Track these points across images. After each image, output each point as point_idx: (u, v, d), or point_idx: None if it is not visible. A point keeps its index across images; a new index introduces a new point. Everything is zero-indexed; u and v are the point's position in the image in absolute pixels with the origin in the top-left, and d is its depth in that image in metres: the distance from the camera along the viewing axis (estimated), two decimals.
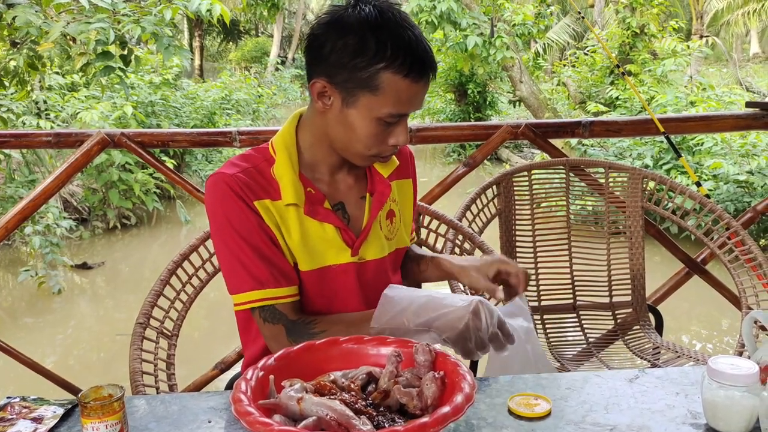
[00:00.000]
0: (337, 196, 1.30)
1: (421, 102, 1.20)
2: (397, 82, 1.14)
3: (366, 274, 1.32)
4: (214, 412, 1.05)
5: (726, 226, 2.07)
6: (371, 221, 1.31)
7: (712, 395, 0.98)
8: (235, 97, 11.63)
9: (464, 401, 0.86)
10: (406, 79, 1.14)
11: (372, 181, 1.33)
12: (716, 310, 4.90)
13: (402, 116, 1.20)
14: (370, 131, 1.19)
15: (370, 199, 1.31)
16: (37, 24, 4.14)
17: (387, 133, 1.20)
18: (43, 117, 7.87)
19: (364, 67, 1.14)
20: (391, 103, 1.16)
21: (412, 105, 1.19)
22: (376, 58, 1.13)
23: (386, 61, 1.13)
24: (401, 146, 1.24)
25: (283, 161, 1.26)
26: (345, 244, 1.28)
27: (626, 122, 2.58)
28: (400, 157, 1.39)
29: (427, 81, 1.18)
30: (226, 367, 2.28)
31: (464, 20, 10.31)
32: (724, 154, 6.56)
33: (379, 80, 1.14)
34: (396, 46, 1.13)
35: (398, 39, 1.14)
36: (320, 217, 1.26)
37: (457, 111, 13.17)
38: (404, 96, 1.16)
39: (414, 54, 1.14)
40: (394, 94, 1.15)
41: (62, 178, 2.40)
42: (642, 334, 2.16)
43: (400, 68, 1.13)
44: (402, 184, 1.41)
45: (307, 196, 1.25)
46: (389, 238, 1.36)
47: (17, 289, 6.12)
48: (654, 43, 10.89)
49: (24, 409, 1.05)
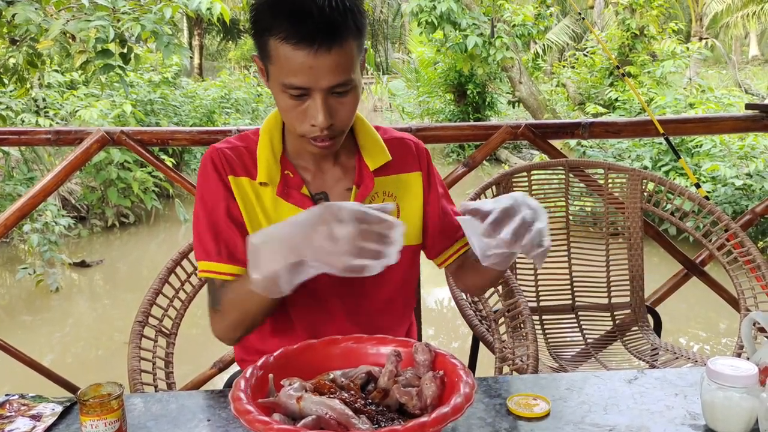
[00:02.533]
0: (321, 186, 1.29)
1: (321, 75, 1.10)
2: (281, 48, 1.09)
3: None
4: (212, 410, 1.05)
5: (725, 227, 2.07)
6: None
7: (711, 396, 0.98)
8: (235, 96, 11.64)
9: (464, 401, 0.86)
10: (287, 44, 1.08)
11: (359, 174, 1.30)
12: (714, 312, 4.90)
13: (304, 90, 1.12)
14: (284, 104, 1.15)
15: (356, 192, 1.29)
16: (36, 21, 4.14)
17: (303, 111, 1.14)
18: (42, 115, 7.87)
19: (259, 37, 1.13)
20: (283, 72, 1.11)
21: (306, 76, 1.09)
22: (261, 24, 1.11)
23: (271, 28, 1.09)
24: (321, 126, 1.14)
25: (263, 142, 1.27)
26: None
27: (626, 123, 2.58)
28: (398, 150, 1.35)
29: (321, 50, 1.07)
30: (225, 365, 2.28)
31: (464, 20, 10.31)
32: (722, 156, 6.57)
33: (269, 48, 1.11)
34: (279, 11, 1.09)
35: (283, 3, 1.09)
36: (293, 201, 1.25)
37: (457, 111, 13.17)
38: (293, 65, 1.09)
39: (298, 18, 1.07)
40: (282, 61, 1.10)
41: (61, 176, 2.40)
42: (640, 335, 2.16)
43: (279, 33, 1.08)
44: (403, 178, 1.35)
45: (284, 178, 1.25)
46: None
47: (15, 287, 6.11)
48: (653, 44, 10.91)
49: (22, 406, 1.05)
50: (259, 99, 12.79)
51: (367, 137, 1.32)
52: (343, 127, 1.20)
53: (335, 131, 1.18)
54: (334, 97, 1.14)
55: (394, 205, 0.98)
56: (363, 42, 1.17)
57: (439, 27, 10.42)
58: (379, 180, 1.31)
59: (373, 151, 1.31)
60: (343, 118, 1.18)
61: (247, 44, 24.96)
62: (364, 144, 1.32)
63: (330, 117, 1.15)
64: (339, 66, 1.10)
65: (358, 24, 1.12)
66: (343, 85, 1.13)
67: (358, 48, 1.14)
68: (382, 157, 1.32)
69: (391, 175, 1.33)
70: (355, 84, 1.15)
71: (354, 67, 1.14)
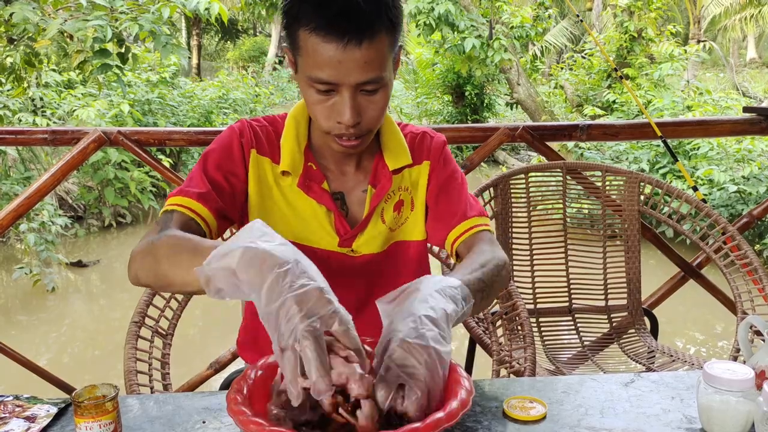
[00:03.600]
0: (340, 186, 1.26)
1: (350, 71, 1.05)
2: (309, 40, 1.05)
3: (354, 267, 1.27)
4: (208, 412, 1.05)
5: (722, 230, 2.07)
6: (370, 214, 1.26)
7: (707, 400, 0.98)
8: (232, 96, 11.63)
9: (459, 407, 0.84)
10: (315, 36, 1.04)
11: (375, 174, 1.27)
12: (710, 314, 4.91)
13: (331, 85, 1.08)
14: (311, 99, 1.12)
15: (372, 192, 1.26)
16: (34, 21, 4.14)
17: (330, 106, 1.11)
18: (40, 114, 7.86)
19: (289, 26, 1.09)
20: (311, 65, 1.07)
21: (335, 70, 1.05)
22: (291, 13, 1.08)
23: (300, 18, 1.06)
24: (348, 124, 1.10)
25: (289, 130, 1.24)
26: (335, 231, 1.25)
27: (623, 126, 2.58)
28: (416, 144, 1.31)
29: (351, 44, 1.03)
30: (221, 367, 2.27)
31: (462, 22, 10.32)
32: (720, 159, 6.58)
33: (298, 39, 1.07)
34: (308, 2, 1.05)
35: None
36: (313, 195, 1.23)
37: (455, 113, 13.18)
38: (321, 58, 1.05)
39: (329, 8, 1.03)
40: (311, 54, 1.06)
41: (58, 175, 2.39)
42: (637, 338, 2.16)
43: (309, 24, 1.04)
44: (415, 171, 1.31)
45: (306, 170, 1.23)
46: (393, 228, 1.29)
47: (11, 287, 6.10)
48: (651, 47, 10.93)
49: (17, 407, 1.05)
50: (257, 99, 12.79)
51: (391, 137, 1.28)
52: (371, 127, 1.15)
53: (362, 130, 1.14)
54: (363, 94, 1.10)
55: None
56: (397, 38, 1.11)
57: (437, 29, 10.42)
58: (396, 177, 1.28)
59: (396, 151, 1.28)
60: (372, 118, 1.13)
61: (245, 45, 24.98)
62: (387, 144, 1.27)
63: (357, 115, 1.10)
64: (369, 62, 1.06)
65: (393, 18, 1.07)
66: (373, 83, 1.08)
67: (391, 44, 1.09)
68: (404, 159, 1.28)
69: (407, 168, 1.30)
70: (385, 82, 1.10)
71: (386, 64, 1.09)
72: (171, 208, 1.14)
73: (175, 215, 1.13)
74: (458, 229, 1.28)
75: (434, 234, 1.32)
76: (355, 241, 1.26)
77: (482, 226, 1.28)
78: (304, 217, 1.24)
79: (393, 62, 1.13)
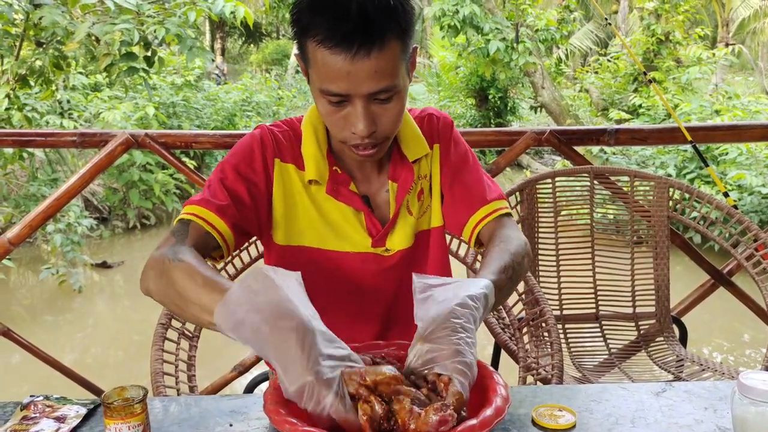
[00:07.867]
0: (364, 189, 1.25)
1: (360, 81, 1.03)
2: (318, 52, 1.03)
3: (388, 266, 1.26)
4: (235, 415, 1.04)
5: (754, 237, 2.03)
6: (398, 210, 1.25)
7: (742, 411, 0.96)
8: (256, 99, 11.68)
9: (494, 415, 0.83)
10: (323, 48, 1.02)
11: (394, 168, 1.25)
12: (738, 322, 4.83)
13: (343, 97, 1.06)
14: (324, 110, 1.10)
15: (395, 187, 1.25)
16: (63, 24, 4.19)
17: (343, 117, 1.09)
18: (66, 116, 7.96)
19: (298, 37, 1.08)
20: (321, 78, 1.05)
21: (345, 82, 1.03)
22: (300, 24, 1.06)
23: (309, 30, 1.04)
24: (362, 135, 1.08)
25: (308, 136, 1.22)
26: (367, 232, 1.24)
27: (652, 130, 2.55)
28: (425, 127, 1.29)
29: (359, 55, 1.01)
30: (245, 369, 2.28)
31: (487, 25, 10.29)
32: (749, 164, 6.48)
33: (308, 51, 1.06)
34: (317, 10, 1.03)
35: (321, 5, 1.03)
36: (343, 199, 1.22)
37: (478, 116, 13.13)
38: (330, 70, 1.03)
39: (336, 18, 1.00)
40: (320, 66, 1.04)
41: (86, 177, 2.42)
42: (665, 346, 2.13)
43: (316, 36, 1.02)
44: (429, 155, 1.29)
45: (332, 175, 1.21)
46: (418, 217, 1.28)
47: (38, 287, 6.18)
48: (679, 50, 10.80)
49: (47, 408, 1.05)
50: (279, 102, 12.83)
51: (406, 129, 1.26)
52: (387, 134, 1.13)
53: (378, 138, 1.12)
54: (376, 103, 1.08)
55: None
56: (410, 42, 1.09)
57: (462, 31, 10.39)
58: (415, 167, 1.26)
59: (413, 142, 1.26)
60: (387, 126, 1.11)
61: (268, 48, 25.11)
62: (403, 135, 1.25)
63: (372, 125, 1.08)
64: (380, 71, 1.03)
65: (403, 23, 1.05)
66: (385, 92, 1.06)
67: (403, 50, 1.06)
68: (422, 149, 1.26)
69: (424, 157, 1.28)
70: (399, 89, 1.08)
71: (397, 72, 1.07)
72: (188, 218, 1.13)
73: (192, 227, 1.11)
74: (479, 213, 1.24)
75: (452, 219, 1.30)
76: (387, 239, 1.25)
77: (503, 209, 1.26)
78: (335, 222, 1.23)
79: (407, 66, 1.11)
